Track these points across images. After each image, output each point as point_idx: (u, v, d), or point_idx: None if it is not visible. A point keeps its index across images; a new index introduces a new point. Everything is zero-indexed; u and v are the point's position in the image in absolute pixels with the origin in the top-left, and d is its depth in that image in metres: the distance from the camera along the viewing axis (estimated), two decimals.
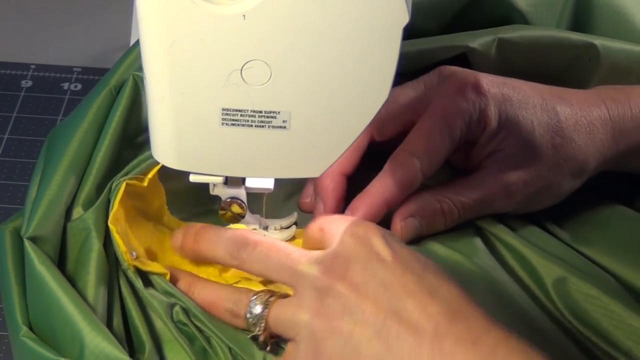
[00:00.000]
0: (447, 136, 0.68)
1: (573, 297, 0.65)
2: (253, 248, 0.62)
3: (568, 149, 0.70)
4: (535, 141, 0.69)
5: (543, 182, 0.70)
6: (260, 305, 0.61)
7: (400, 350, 0.55)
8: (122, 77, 0.72)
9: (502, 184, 0.69)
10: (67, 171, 0.67)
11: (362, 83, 0.59)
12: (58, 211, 0.66)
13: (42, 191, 0.66)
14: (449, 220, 0.69)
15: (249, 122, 0.60)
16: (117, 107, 0.70)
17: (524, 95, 0.70)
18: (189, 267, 0.67)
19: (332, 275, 0.58)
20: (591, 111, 0.71)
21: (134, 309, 0.63)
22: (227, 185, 0.66)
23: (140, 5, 0.57)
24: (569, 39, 0.77)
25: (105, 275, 0.64)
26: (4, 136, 1.17)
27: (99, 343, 0.59)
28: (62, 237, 0.66)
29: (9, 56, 1.27)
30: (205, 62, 0.58)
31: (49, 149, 0.71)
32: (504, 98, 0.70)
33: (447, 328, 0.55)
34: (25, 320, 0.63)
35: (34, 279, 0.63)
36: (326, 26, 0.57)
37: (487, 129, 0.69)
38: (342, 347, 0.57)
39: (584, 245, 0.70)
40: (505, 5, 0.80)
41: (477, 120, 0.69)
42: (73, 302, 0.61)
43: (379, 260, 0.58)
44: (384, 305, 0.57)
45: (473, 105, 0.69)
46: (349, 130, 0.62)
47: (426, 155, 0.68)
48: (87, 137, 0.69)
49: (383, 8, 0.56)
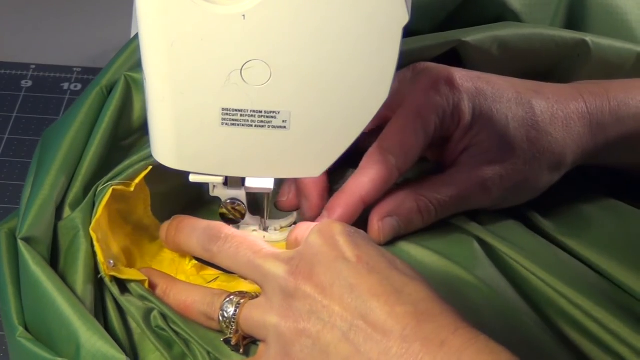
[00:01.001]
0: (421, 132, 0.67)
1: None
2: (224, 242, 0.63)
3: (544, 143, 0.69)
4: (509, 135, 0.69)
5: (520, 176, 0.69)
6: (232, 307, 0.61)
7: (369, 352, 0.55)
8: (113, 77, 0.72)
9: (478, 179, 0.69)
10: (58, 171, 0.67)
11: (362, 83, 0.59)
12: (50, 211, 0.66)
13: (35, 192, 0.66)
14: (426, 218, 0.68)
15: (249, 122, 0.60)
16: (108, 107, 0.69)
17: (498, 89, 0.70)
18: (167, 269, 0.68)
19: (298, 276, 0.58)
20: (568, 104, 0.70)
21: (114, 315, 0.64)
22: (227, 186, 0.66)
23: (140, 6, 0.57)
24: (560, 36, 0.77)
25: (93, 274, 0.64)
26: (4, 136, 1.17)
27: (95, 342, 0.59)
28: (54, 237, 0.66)
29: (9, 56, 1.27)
30: (205, 62, 0.58)
31: (42, 149, 0.71)
32: (478, 92, 0.69)
33: (414, 330, 0.55)
34: (22, 321, 0.63)
35: (28, 279, 0.63)
36: (326, 26, 0.57)
37: (461, 123, 0.69)
38: (310, 349, 0.57)
39: (568, 238, 0.70)
40: (499, 6, 0.80)
41: (451, 114, 0.68)
42: (68, 302, 0.61)
43: (344, 260, 0.58)
44: (350, 306, 0.56)
45: (447, 99, 0.68)
46: (349, 130, 0.62)
47: (401, 151, 0.67)
48: (78, 137, 0.69)
49: (383, 8, 0.56)
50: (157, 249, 0.69)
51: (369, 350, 0.55)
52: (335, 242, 0.59)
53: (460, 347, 0.54)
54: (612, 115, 0.71)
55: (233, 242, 0.63)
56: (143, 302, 0.64)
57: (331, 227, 0.60)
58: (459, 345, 0.54)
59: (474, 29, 0.76)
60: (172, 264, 0.68)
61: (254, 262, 0.61)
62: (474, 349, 0.54)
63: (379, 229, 0.67)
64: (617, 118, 0.71)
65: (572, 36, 0.77)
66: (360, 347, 0.55)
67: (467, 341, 0.54)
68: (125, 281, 0.65)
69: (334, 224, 0.60)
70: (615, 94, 0.71)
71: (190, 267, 0.68)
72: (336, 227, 0.60)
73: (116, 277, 0.64)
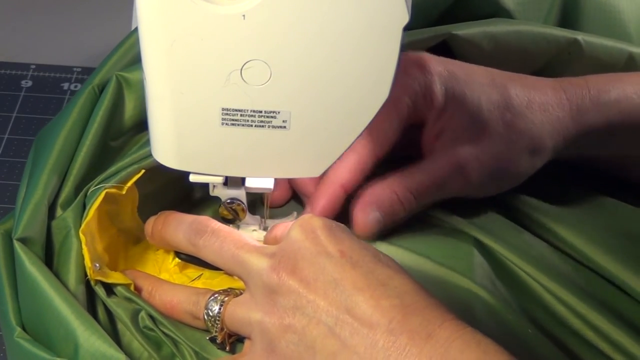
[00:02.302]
0: (395, 115, 0.67)
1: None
2: (210, 236, 0.63)
3: (521, 126, 0.69)
4: (483, 117, 0.68)
5: (497, 160, 0.69)
6: (216, 305, 0.61)
7: (355, 346, 0.55)
8: (105, 76, 0.72)
9: (454, 163, 0.68)
10: (51, 172, 0.67)
11: (362, 83, 0.59)
12: (43, 212, 0.66)
13: (29, 193, 0.66)
14: (407, 207, 0.67)
15: (249, 122, 0.60)
16: (100, 107, 0.69)
17: (471, 74, 0.70)
18: (151, 269, 0.68)
19: (281, 271, 0.58)
20: (546, 92, 0.70)
21: (102, 317, 0.64)
22: (227, 186, 0.66)
23: (140, 5, 0.57)
24: (552, 34, 0.77)
25: (84, 274, 0.64)
26: (4, 136, 1.17)
27: (94, 342, 0.59)
28: (48, 236, 0.66)
29: (9, 56, 1.27)
30: (205, 62, 0.58)
31: (36, 150, 0.71)
32: (450, 75, 0.69)
33: (401, 323, 0.55)
34: (19, 321, 0.63)
35: (25, 280, 0.63)
36: (326, 26, 0.57)
37: (433, 105, 0.68)
38: (296, 345, 0.57)
39: (558, 225, 0.70)
40: (492, 4, 0.80)
41: (423, 96, 0.68)
42: (66, 301, 0.61)
43: (327, 255, 0.58)
44: (335, 301, 0.56)
45: (417, 81, 0.68)
46: (349, 130, 0.62)
47: (375, 136, 0.67)
48: (70, 137, 0.69)
49: (383, 8, 0.56)
50: (141, 250, 0.69)
51: (356, 344, 0.55)
52: (316, 236, 0.59)
53: (447, 339, 0.54)
54: (592, 102, 0.70)
55: (218, 236, 0.62)
56: (130, 303, 0.64)
57: (311, 221, 0.60)
58: (446, 338, 0.54)
59: (465, 24, 0.76)
60: (156, 263, 0.68)
61: (237, 257, 0.61)
62: (460, 341, 0.54)
63: (363, 225, 0.67)
64: (597, 104, 0.70)
65: (563, 34, 0.77)
66: (346, 342, 0.55)
67: (453, 333, 0.54)
68: (111, 284, 0.65)
69: (314, 218, 0.60)
70: (594, 84, 0.71)
71: (174, 266, 0.68)
72: (316, 222, 0.60)
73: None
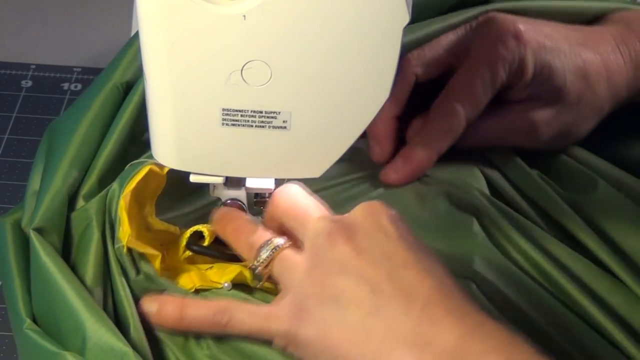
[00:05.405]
0: (489, 84, 0.71)
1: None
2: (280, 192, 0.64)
3: (589, 95, 0.73)
4: (562, 87, 0.72)
5: (565, 124, 0.74)
6: (275, 245, 0.61)
7: (389, 312, 0.56)
8: (125, 73, 0.73)
9: (528, 120, 0.72)
10: (70, 165, 0.68)
11: (363, 83, 0.59)
12: (62, 203, 0.66)
13: (46, 184, 0.67)
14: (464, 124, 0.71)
15: (249, 122, 0.60)
16: (129, 104, 0.70)
17: (555, 43, 0.73)
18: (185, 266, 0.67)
19: (339, 235, 0.59)
20: (608, 57, 0.74)
21: (121, 287, 0.63)
22: (227, 186, 0.66)
23: (141, 6, 0.57)
24: (590, 8, 0.79)
25: (102, 263, 0.64)
26: (4, 136, 1.17)
27: (102, 335, 0.59)
28: (66, 227, 0.66)
29: (9, 56, 1.26)
30: (205, 62, 0.58)
31: (50, 142, 0.72)
32: (540, 46, 0.72)
33: (438, 300, 0.56)
34: (29, 313, 0.63)
35: (39, 270, 0.63)
36: (326, 26, 0.57)
37: (523, 77, 0.72)
38: (327, 304, 0.57)
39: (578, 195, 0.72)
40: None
41: (516, 68, 0.71)
42: (77, 293, 0.61)
43: (385, 234, 0.59)
44: (382, 272, 0.57)
45: (513, 54, 0.71)
46: (349, 130, 0.62)
47: (469, 102, 0.71)
48: (91, 132, 0.70)
49: (383, 8, 0.56)
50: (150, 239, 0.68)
51: (390, 310, 0.56)
52: (379, 218, 0.60)
53: (481, 322, 0.55)
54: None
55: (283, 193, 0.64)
56: (147, 282, 0.64)
57: (376, 206, 0.61)
58: (480, 321, 0.55)
59: (499, 1, 0.78)
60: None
61: (300, 214, 0.62)
62: (493, 326, 0.55)
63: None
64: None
65: (601, 5, 0.79)
66: (381, 307, 0.56)
67: (487, 319, 0.55)
68: (138, 258, 0.64)
69: (379, 204, 0.61)
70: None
71: (183, 259, 0.67)
72: (382, 207, 0.61)
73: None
